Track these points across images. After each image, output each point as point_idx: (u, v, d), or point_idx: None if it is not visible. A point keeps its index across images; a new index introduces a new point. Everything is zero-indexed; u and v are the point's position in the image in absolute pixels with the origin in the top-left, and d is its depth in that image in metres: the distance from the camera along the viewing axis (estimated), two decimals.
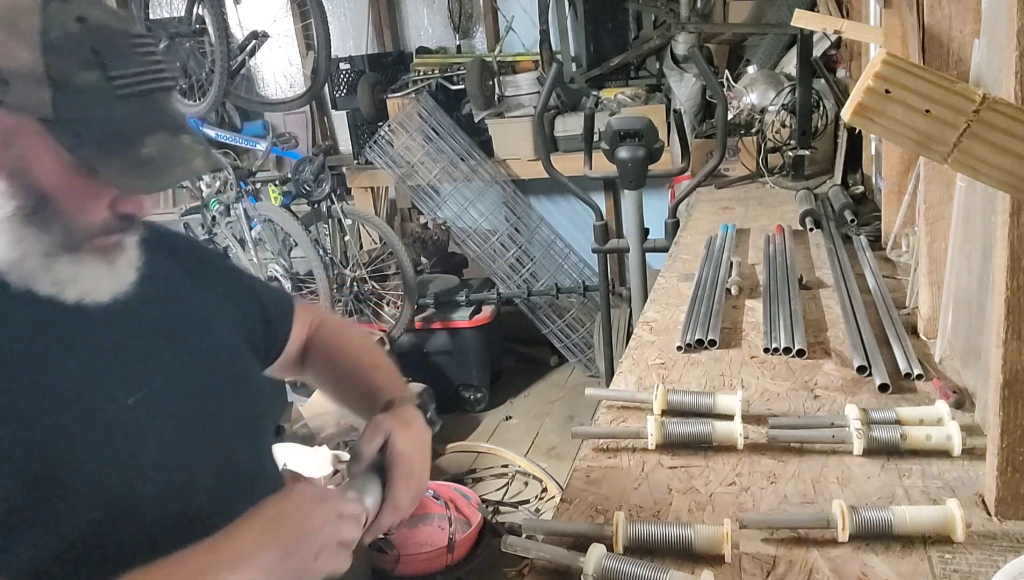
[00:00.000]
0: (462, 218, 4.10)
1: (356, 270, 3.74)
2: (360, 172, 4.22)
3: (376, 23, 4.58)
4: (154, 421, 0.83)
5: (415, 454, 0.94)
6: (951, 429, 1.06)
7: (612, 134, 2.60)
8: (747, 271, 1.91)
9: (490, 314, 3.80)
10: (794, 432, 1.13)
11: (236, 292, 1.07)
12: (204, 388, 0.91)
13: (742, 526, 0.93)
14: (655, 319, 1.68)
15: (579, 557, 0.89)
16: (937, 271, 1.37)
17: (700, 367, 1.42)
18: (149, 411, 0.83)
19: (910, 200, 1.76)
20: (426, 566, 2.53)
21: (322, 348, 1.16)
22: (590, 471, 1.12)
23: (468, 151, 3.97)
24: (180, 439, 0.85)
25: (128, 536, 0.78)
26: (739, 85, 3.03)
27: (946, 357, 1.33)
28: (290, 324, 1.14)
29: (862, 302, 1.56)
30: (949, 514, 0.89)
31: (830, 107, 2.77)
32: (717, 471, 1.09)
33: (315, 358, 1.17)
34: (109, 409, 0.80)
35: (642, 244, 2.70)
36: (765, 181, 2.84)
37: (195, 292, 0.99)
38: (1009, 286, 0.84)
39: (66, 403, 0.77)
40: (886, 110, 0.76)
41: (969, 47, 1.23)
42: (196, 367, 0.91)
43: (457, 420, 3.73)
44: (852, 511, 0.91)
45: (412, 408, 1.01)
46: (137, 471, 0.80)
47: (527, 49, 4.28)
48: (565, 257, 4.16)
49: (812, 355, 1.41)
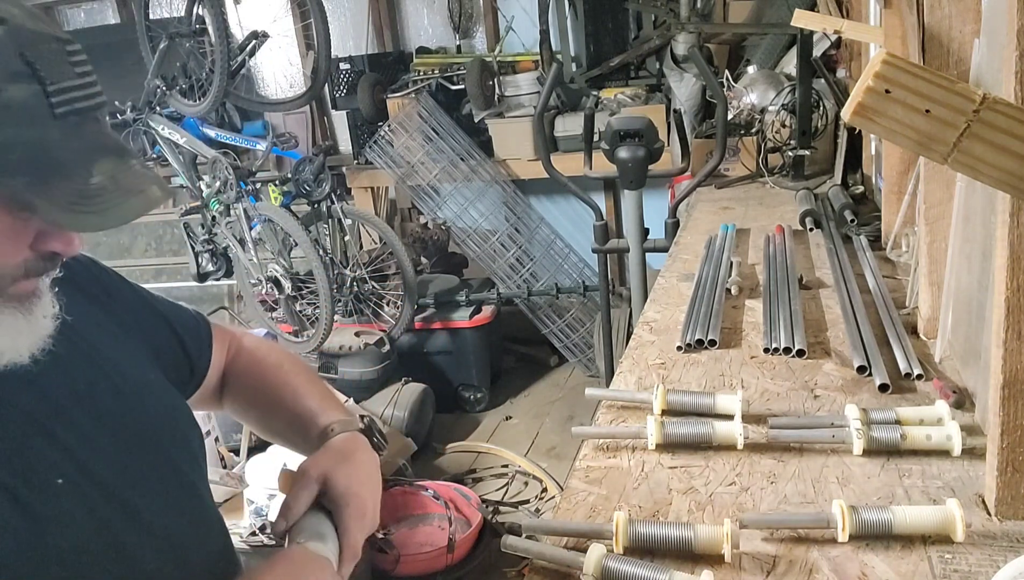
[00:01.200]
0: (462, 218, 4.10)
1: (356, 270, 3.74)
2: (360, 172, 4.22)
3: (376, 23, 4.59)
4: (84, 503, 0.71)
5: (362, 490, 0.85)
6: (951, 429, 1.06)
7: (612, 134, 2.60)
8: (747, 271, 1.91)
9: (490, 314, 3.80)
10: (794, 432, 1.13)
11: (148, 322, 0.93)
12: (134, 447, 0.78)
13: (742, 526, 0.93)
14: (655, 319, 1.68)
15: (579, 557, 0.89)
16: (937, 271, 1.37)
17: (700, 367, 1.42)
18: (76, 492, 0.70)
19: (910, 200, 1.76)
20: (426, 566, 2.53)
21: (242, 377, 1.03)
22: (590, 471, 1.12)
23: (468, 151, 3.97)
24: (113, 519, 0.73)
25: None
26: (739, 85, 3.03)
27: (946, 357, 1.33)
28: (208, 353, 1.00)
29: (862, 302, 1.56)
30: (949, 514, 0.89)
31: (830, 107, 2.77)
32: (717, 471, 1.09)
33: (235, 387, 1.03)
34: (33, 496, 0.67)
35: (642, 244, 2.70)
36: (765, 181, 2.84)
37: (109, 330, 0.85)
38: (1009, 286, 0.84)
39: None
40: (886, 110, 0.76)
41: (969, 47, 1.23)
42: (125, 426, 0.78)
43: (457, 420, 3.73)
44: (852, 511, 0.91)
45: (354, 435, 0.91)
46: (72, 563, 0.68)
47: (527, 49, 4.28)
48: (565, 257, 4.16)
49: (812, 355, 1.41)
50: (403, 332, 3.69)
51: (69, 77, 0.63)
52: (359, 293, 3.76)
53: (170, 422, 0.85)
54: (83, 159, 0.63)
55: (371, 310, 3.76)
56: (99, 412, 0.76)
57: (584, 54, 4.18)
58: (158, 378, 0.88)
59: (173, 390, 0.90)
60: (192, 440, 0.88)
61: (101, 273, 0.92)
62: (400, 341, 3.70)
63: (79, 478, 0.71)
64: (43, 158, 0.61)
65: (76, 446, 0.72)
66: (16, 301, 0.66)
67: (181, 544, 0.78)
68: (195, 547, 0.81)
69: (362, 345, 3.58)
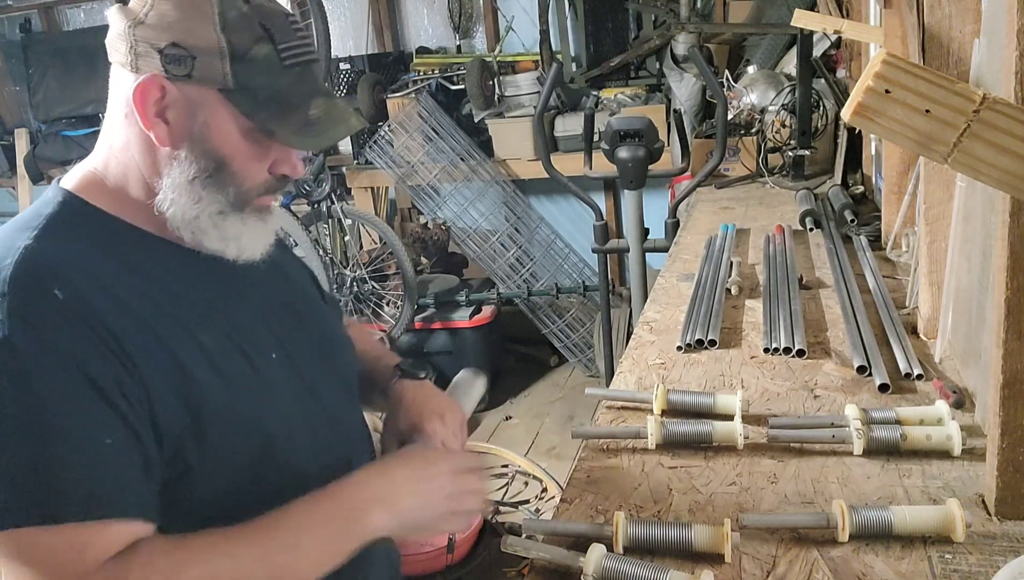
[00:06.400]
0: (462, 218, 4.10)
1: (356, 270, 3.74)
2: (360, 172, 4.22)
3: (376, 23, 4.58)
4: (288, 377, 0.91)
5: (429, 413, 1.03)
6: (951, 429, 1.06)
7: (612, 134, 2.60)
8: (747, 271, 1.91)
9: (490, 314, 3.80)
10: (794, 432, 1.13)
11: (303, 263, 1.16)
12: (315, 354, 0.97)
13: (742, 526, 0.93)
14: (655, 319, 1.68)
15: (579, 557, 0.89)
16: (937, 271, 1.37)
17: (700, 367, 1.42)
18: (284, 368, 0.90)
19: (910, 200, 1.76)
20: (426, 566, 2.53)
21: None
22: (590, 471, 1.12)
23: (468, 151, 3.97)
24: (304, 395, 0.92)
25: (277, 478, 0.86)
26: (739, 85, 3.03)
27: (946, 357, 1.33)
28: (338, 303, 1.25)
29: (862, 302, 1.56)
30: (949, 514, 0.89)
31: (830, 107, 2.77)
32: (717, 471, 1.09)
33: None
34: (261, 361, 0.88)
35: (642, 244, 2.70)
36: (765, 181, 2.84)
37: (290, 259, 1.09)
38: (1009, 286, 0.84)
39: (233, 351, 0.85)
40: (886, 110, 0.76)
41: (969, 47, 1.23)
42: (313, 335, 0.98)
43: None
44: (852, 511, 0.91)
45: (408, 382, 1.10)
46: (281, 418, 0.88)
47: (527, 49, 4.28)
48: (565, 257, 4.16)
49: (812, 355, 1.41)
50: (403, 332, 3.69)
51: (292, 39, 0.83)
52: (359, 293, 3.76)
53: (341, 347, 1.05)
54: (304, 98, 0.84)
55: (371, 310, 3.76)
56: (298, 318, 0.97)
57: (584, 54, 4.18)
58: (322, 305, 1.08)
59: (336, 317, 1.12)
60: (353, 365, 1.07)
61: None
62: (400, 341, 3.70)
63: (285, 359, 0.91)
64: (278, 98, 0.82)
65: (283, 337, 0.92)
66: (257, 212, 0.88)
67: (346, 424, 1.00)
68: (355, 430, 1.03)
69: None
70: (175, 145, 0.82)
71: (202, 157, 0.82)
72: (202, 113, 0.81)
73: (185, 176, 0.82)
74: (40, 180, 4.73)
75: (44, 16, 5.07)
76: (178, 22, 0.79)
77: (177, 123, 0.81)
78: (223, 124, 0.82)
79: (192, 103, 0.81)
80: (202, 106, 0.81)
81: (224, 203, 0.84)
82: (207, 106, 0.81)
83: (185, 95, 0.80)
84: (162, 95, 0.80)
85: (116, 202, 0.85)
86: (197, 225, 0.84)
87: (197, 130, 0.81)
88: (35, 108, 4.84)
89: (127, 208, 0.85)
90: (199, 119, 0.81)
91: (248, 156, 0.84)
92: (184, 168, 0.82)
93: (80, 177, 0.86)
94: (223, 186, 0.84)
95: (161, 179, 0.83)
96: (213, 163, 0.82)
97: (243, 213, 0.86)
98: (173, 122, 0.81)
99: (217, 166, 0.83)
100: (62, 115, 4.82)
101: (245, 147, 0.83)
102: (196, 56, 0.79)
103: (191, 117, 0.81)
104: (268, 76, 0.81)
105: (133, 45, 0.80)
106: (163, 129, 0.81)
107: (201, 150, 0.82)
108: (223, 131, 0.82)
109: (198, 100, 0.81)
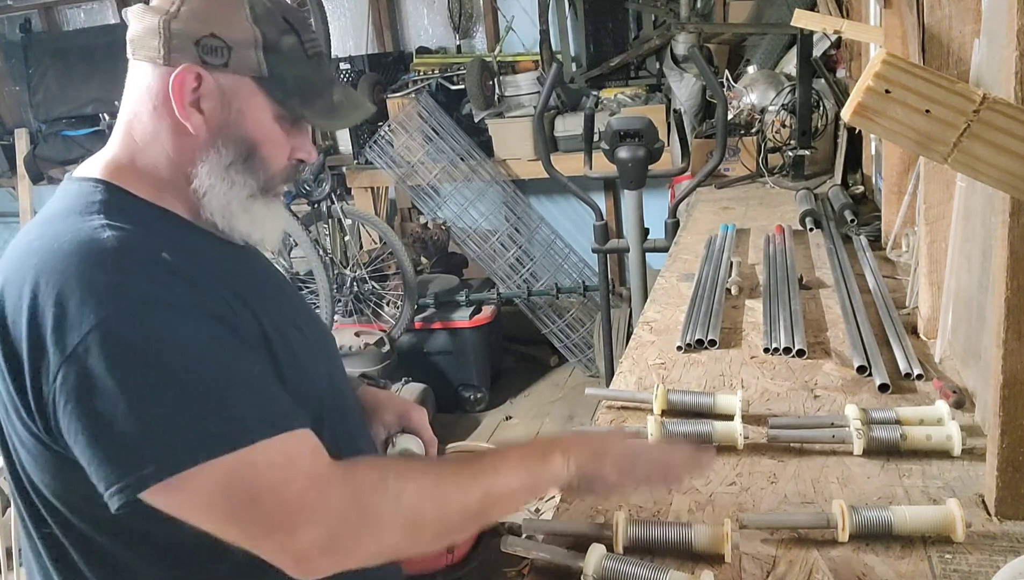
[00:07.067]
0: (462, 218, 4.09)
1: (356, 270, 3.74)
2: (360, 172, 4.22)
3: (376, 23, 4.58)
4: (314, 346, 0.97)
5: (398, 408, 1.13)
6: (951, 429, 1.06)
7: (612, 134, 2.60)
8: (747, 271, 1.91)
9: (490, 314, 3.80)
10: (794, 432, 1.13)
11: None
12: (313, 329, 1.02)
13: (742, 526, 0.93)
14: (655, 319, 1.68)
15: (579, 557, 0.89)
16: (937, 271, 1.37)
17: (700, 367, 1.42)
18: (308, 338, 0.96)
19: (910, 200, 1.76)
20: (426, 566, 2.53)
21: None
22: None
23: (468, 151, 3.97)
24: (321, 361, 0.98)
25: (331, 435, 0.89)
26: (739, 85, 3.03)
27: (946, 357, 1.33)
28: None
29: (862, 302, 1.56)
30: (949, 514, 0.89)
31: (830, 107, 2.77)
32: (717, 471, 1.09)
33: None
34: (301, 333, 0.93)
35: (642, 244, 2.70)
36: (765, 181, 2.84)
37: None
38: (1009, 286, 0.84)
39: (288, 325, 0.91)
40: (886, 110, 0.76)
41: (969, 47, 1.23)
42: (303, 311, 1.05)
43: (457, 420, 3.73)
44: (852, 511, 0.91)
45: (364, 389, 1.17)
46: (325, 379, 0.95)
47: (527, 49, 4.28)
48: (565, 257, 4.16)
49: (812, 355, 1.41)
50: (403, 332, 3.68)
51: (309, 31, 0.90)
52: (359, 293, 3.76)
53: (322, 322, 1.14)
54: (327, 85, 0.91)
55: (371, 310, 3.76)
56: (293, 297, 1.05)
57: (584, 54, 4.18)
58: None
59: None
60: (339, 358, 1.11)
61: None
62: (400, 341, 3.70)
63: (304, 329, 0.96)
64: (306, 85, 0.88)
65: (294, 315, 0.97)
66: (277, 198, 0.94)
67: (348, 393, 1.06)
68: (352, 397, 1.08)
69: (362, 345, 3.58)
70: (211, 133, 0.86)
71: (237, 144, 0.87)
72: (236, 101, 0.85)
73: (222, 163, 0.86)
74: (40, 180, 4.73)
75: (44, 16, 5.07)
76: (213, 15, 0.84)
77: (212, 112, 0.85)
78: (257, 111, 0.86)
79: (227, 92, 0.85)
80: (236, 94, 0.85)
81: (254, 188, 0.89)
82: (241, 94, 0.85)
83: (220, 84, 0.84)
84: (198, 85, 0.84)
85: (153, 190, 0.88)
86: (229, 210, 0.89)
87: (232, 118, 0.86)
88: (35, 108, 4.84)
89: (164, 197, 0.88)
90: (234, 107, 0.85)
91: (275, 142, 0.89)
92: (221, 155, 0.86)
93: (110, 168, 0.88)
94: (254, 171, 0.88)
95: (195, 167, 0.86)
96: (246, 149, 0.87)
97: (268, 199, 0.91)
98: (208, 111, 0.85)
99: (249, 152, 0.87)
100: (62, 115, 4.82)
101: (275, 134, 0.89)
102: (232, 47, 0.83)
103: (226, 106, 0.85)
104: (295, 65, 0.87)
105: (168, 39, 0.83)
106: (198, 118, 0.85)
107: (236, 137, 0.86)
108: (257, 118, 0.87)
109: (233, 89, 0.85)
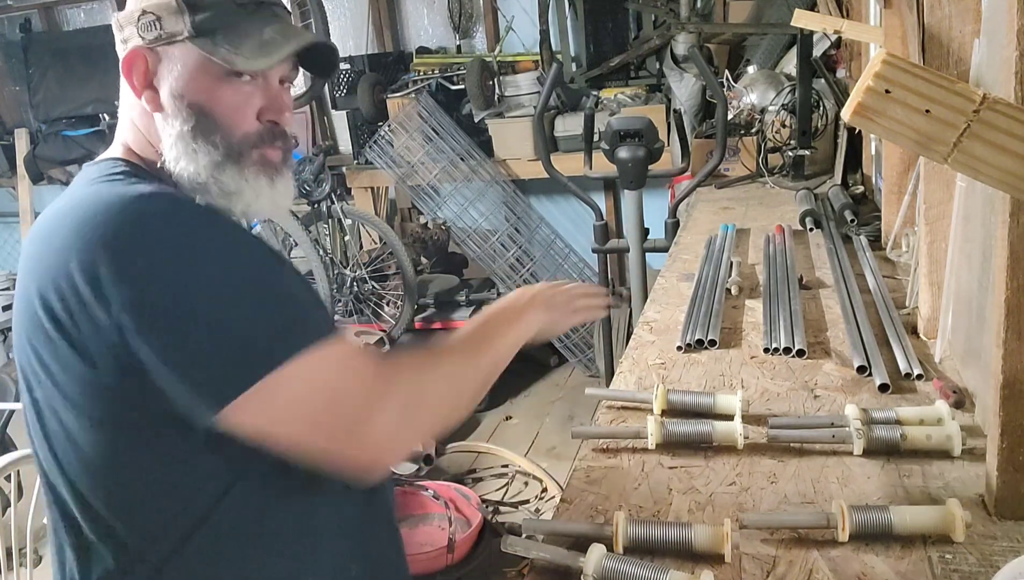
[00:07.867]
0: (462, 218, 4.10)
1: (356, 270, 3.74)
2: (360, 172, 4.22)
3: (376, 23, 4.59)
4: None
5: None
6: (951, 429, 1.06)
7: (612, 134, 2.60)
8: (747, 271, 1.91)
9: None
10: (794, 432, 1.13)
11: None
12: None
13: (742, 526, 0.93)
14: (655, 319, 1.68)
15: (579, 557, 0.89)
16: (937, 271, 1.37)
17: (700, 367, 1.42)
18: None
19: (910, 200, 1.76)
20: (426, 566, 2.53)
21: None
22: (590, 471, 1.12)
23: (468, 151, 3.97)
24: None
25: None
26: (739, 85, 3.03)
27: (946, 357, 1.33)
28: None
29: (862, 302, 1.56)
30: (949, 514, 0.89)
31: (830, 107, 2.77)
32: (717, 471, 1.09)
33: None
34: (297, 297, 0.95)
35: (642, 244, 2.70)
36: (765, 181, 2.84)
37: None
38: (1009, 286, 0.84)
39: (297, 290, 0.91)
40: (886, 110, 0.76)
41: (969, 47, 1.23)
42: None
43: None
44: (852, 511, 0.91)
45: None
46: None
47: (527, 49, 4.28)
48: (565, 257, 4.16)
49: (812, 355, 1.41)
50: (403, 332, 3.69)
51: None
52: (359, 293, 3.76)
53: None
54: (257, 26, 0.91)
55: (371, 310, 3.76)
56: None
57: (584, 54, 4.18)
58: None
59: None
60: None
61: None
62: (400, 341, 3.70)
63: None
64: (234, 32, 0.90)
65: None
66: (261, 168, 0.93)
67: None
68: None
69: (362, 345, 3.58)
70: (168, 107, 0.90)
71: (184, 109, 0.89)
72: (178, 68, 0.90)
73: (176, 130, 0.89)
74: (40, 180, 4.73)
75: (44, 16, 5.07)
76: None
77: (163, 86, 0.90)
78: (195, 72, 0.89)
79: (169, 62, 0.90)
80: (176, 61, 0.89)
81: (218, 155, 0.90)
82: (179, 60, 0.89)
83: (162, 57, 0.90)
84: (145, 64, 0.90)
85: (154, 169, 0.92)
86: (199, 181, 0.91)
87: (181, 86, 0.89)
88: (35, 108, 4.84)
89: (161, 174, 0.92)
90: (179, 75, 0.89)
91: (230, 104, 0.91)
92: (173, 123, 0.90)
93: (123, 152, 0.94)
94: (210, 134, 0.90)
95: (163, 144, 0.91)
96: (195, 112, 0.89)
97: (240, 166, 0.92)
98: (160, 86, 0.90)
99: (202, 116, 0.90)
100: (62, 115, 4.82)
101: (224, 92, 0.90)
102: (161, 16, 0.88)
103: (172, 76, 0.90)
104: (223, 18, 0.90)
105: (120, 28, 0.91)
106: (151, 95, 0.90)
107: (183, 103, 0.89)
108: (196, 79, 0.89)
109: (174, 57, 0.89)
